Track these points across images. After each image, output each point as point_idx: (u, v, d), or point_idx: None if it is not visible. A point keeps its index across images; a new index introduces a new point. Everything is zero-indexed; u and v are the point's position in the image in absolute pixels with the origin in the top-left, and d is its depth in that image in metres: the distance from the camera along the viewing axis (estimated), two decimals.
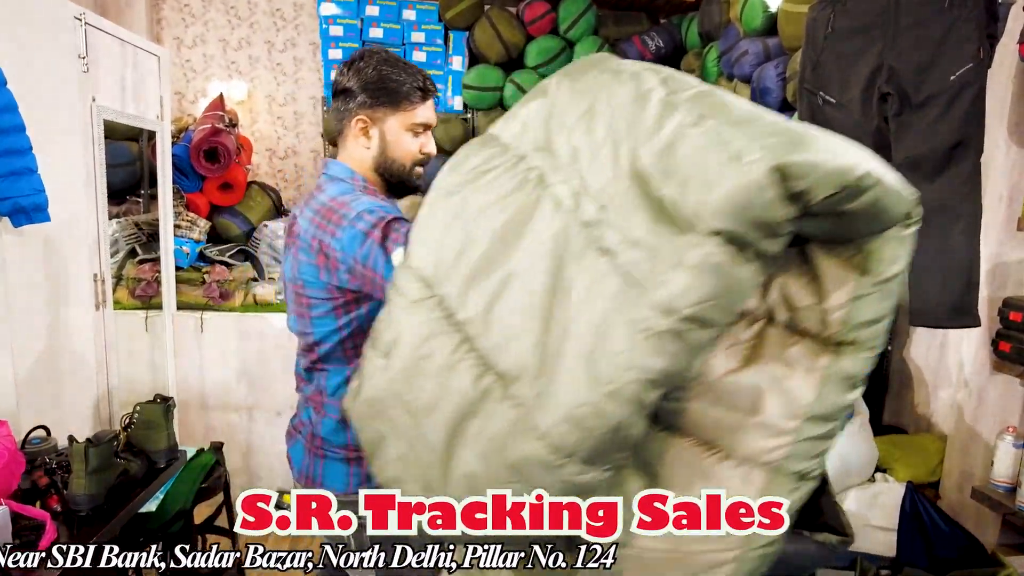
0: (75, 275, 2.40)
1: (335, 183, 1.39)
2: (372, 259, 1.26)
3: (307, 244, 1.34)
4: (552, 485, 1.00)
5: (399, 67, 1.39)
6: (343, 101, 1.40)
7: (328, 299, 1.35)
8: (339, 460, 1.42)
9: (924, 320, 2.02)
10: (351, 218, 1.28)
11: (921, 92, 1.89)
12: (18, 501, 1.62)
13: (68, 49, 2.32)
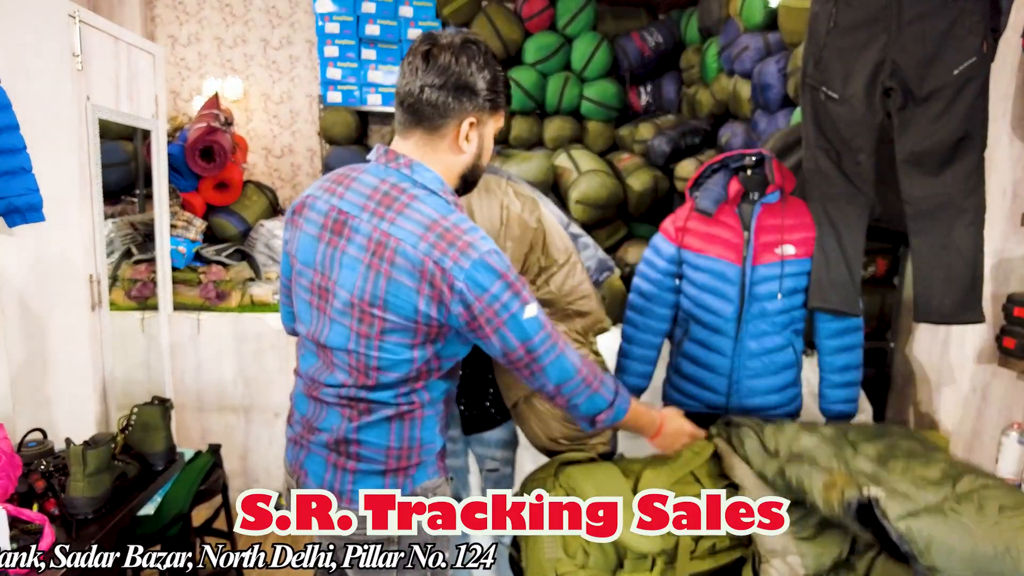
0: (70, 276, 2.37)
1: (431, 196, 1.25)
2: (502, 303, 1.21)
3: (414, 264, 1.19)
4: None
5: (500, 66, 1.30)
6: (456, 97, 1.23)
7: (409, 328, 1.23)
8: (375, 473, 1.33)
9: (929, 316, 2.01)
10: (483, 252, 1.19)
11: (924, 87, 1.88)
12: (15, 505, 1.60)
13: (62, 47, 2.29)
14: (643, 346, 2.32)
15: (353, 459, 1.33)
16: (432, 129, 1.25)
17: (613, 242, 4.00)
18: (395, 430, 1.32)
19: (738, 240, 2.13)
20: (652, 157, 3.93)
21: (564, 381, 1.31)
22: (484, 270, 1.19)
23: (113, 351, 2.58)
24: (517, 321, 1.23)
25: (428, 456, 1.36)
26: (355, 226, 1.24)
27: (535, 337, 1.25)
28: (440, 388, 1.35)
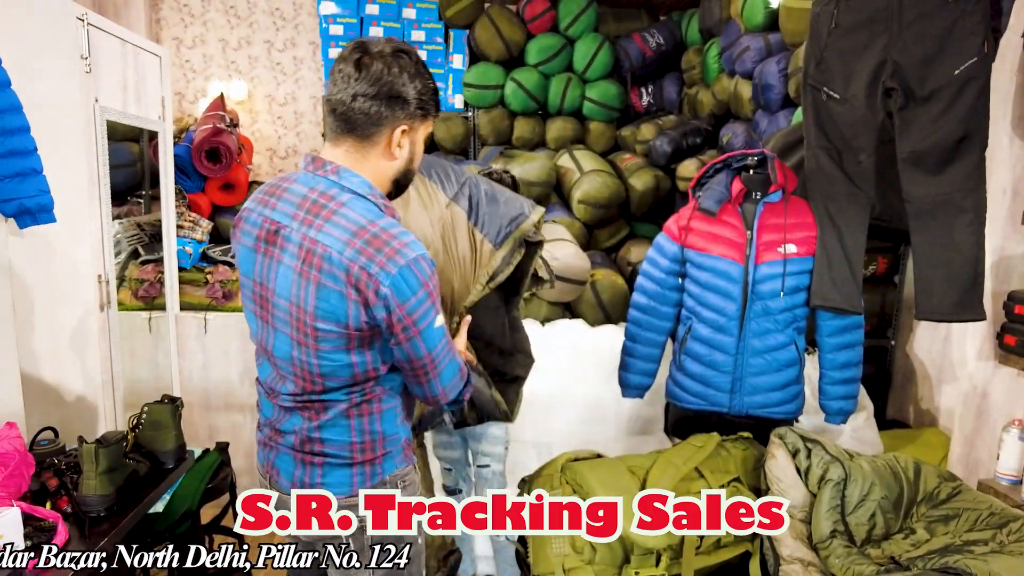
0: (79, 276, 2.39)
1: (357, 199, 1.25)
2: (420, 313, 1.22)
3: (340, 269, 1.20)
4: None
5: (430, 74, 1.30)
6: (388, 106, 1.23)
7: (343, 334, 1.24)
8: (343, 464, 1.36)
9: (930, 314, 2.03)
10: (410, 259, 1.19)
11: (926, 86, 1.90)
12: (28, 503, 1.62)
13: (70, 50, 2.31)
14: (647, 344, 2.34)
15: (319, 455, 1.36)
16: (364, 137, 1.25)
17: (615, 241, 4.02)
18: (355, 426, 1.34)
19: (741, 239, 2.15)
20: (654, 157, 3.95)
21: (450, 383, 1.34)
22: (410, 277, 1.19)
23: (121, 351, 2.61)
24: (431, 330, 1.25)
25: (393, 447, 1.39)
26: (287, 235, 1.25)
27: (439, 345, 1.28)
28: (394, 381, 1.37)
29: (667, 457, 1.82)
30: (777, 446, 1.81)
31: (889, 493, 1.75)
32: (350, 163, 1.27)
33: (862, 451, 2.62)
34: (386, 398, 1.37)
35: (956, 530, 1.73)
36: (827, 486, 1.71)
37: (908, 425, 3.23)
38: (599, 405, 2.86)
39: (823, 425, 2.44)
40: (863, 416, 2.81)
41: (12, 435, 1.68)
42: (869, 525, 1.72)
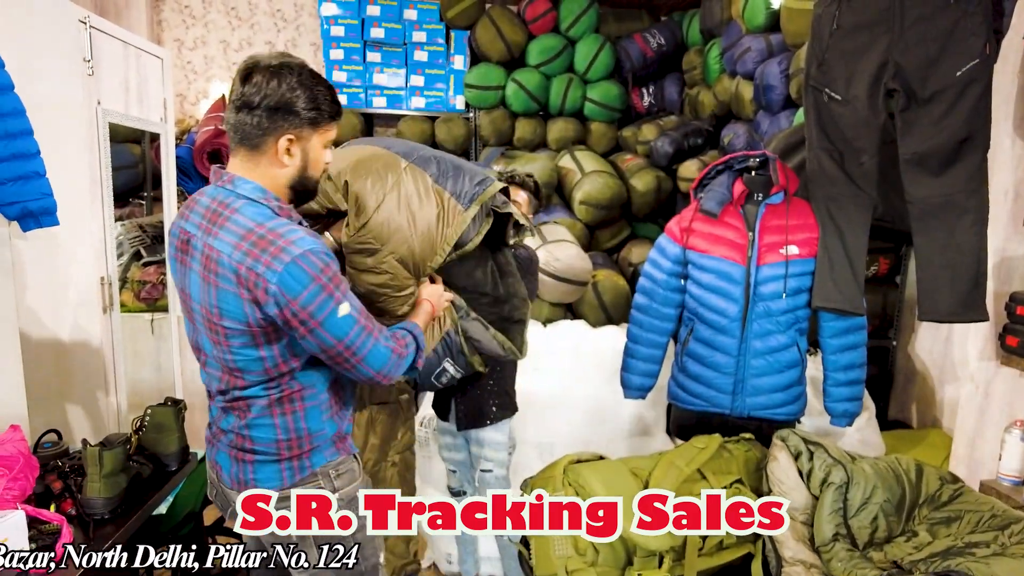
0: (82, 278, 2.40)
1: (249, 204, 1.32)
2: (315, 305, 1.27)
3: (231, 271, 1.28)
4: None
5: (323, 84, 1.35)
6: (270, 118, 1.29)
7: (246, 331, 1.32)
8: (270, 460, 1.43)
9: (932, 315, 2.03)
10: (295, 255, 1.25)
11: (927, 88, 1.90)
12: (33, 505, 1.62)
13: (72, 52, 2.31)
14: (649, 345, 2.34)
15: (250, 452, 1.44)
16: (253, 147, 1.33)
17: (616, 242, 4.03)
18: (279, 424, 1.41)
19: (743, 240, 2.15)
20: (655, 158, 3.95)
21: (383, 366, 1.40)
22: (297, 272, 1.25)
23: (124, 352, 2.61)
24: (333, 320, 1.30)
25: (320, 442, 1.45)
26: (194, 244, 1.35)
27: (351, 332, 1.33)
28: (312, 377, 1.42)
29: (669, 458, 1.82)
30: (779, 448, 1.81)
31: (891, 496, 1.75)
32: (245, 172, 1.35)
33: (864, 452, 2.62)
34: (308, 396, 1.43)
35: (958, 532, 1.73)
36: (829, 489, 1.71)
37: (910, 426, 3.23)
38: (601, 406, 2.86)
39: (825, 426, 2.45)
40: (865, 417, 2.81)
41: (16, 438, 1.69)
42: (871, 528, 1.72)
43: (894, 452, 2.73)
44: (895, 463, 1.84)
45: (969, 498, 1.81)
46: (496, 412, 2.26)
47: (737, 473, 1.89)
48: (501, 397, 2.27)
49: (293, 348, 1.37)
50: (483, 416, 2.25)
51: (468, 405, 2.25)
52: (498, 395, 2.27)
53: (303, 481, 1.45)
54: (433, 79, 4.29)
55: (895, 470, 1.81)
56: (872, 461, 1.82)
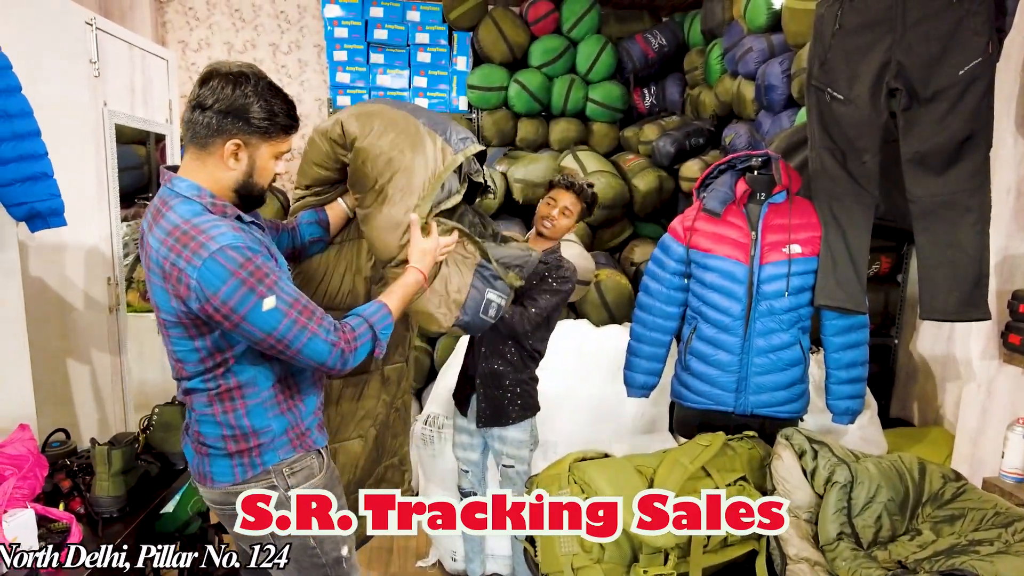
0: (89, 278, 2.41)
1: (183, 202, 1.35)
2: (236, 300, 1.28)
3: (158, 266, 1.32)
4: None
5: (280, 97, 1.39)
6: (220, 120, 1.33)
7: (178, 323, 1.36)
8: (221, 455, 1.48)
9: (934, 313, 2.04)
10: (213, 250, 1.27)
11: (930, 87, 1.91)
12: (42, 504, 1.63)
13: (79, 54, 2.33)
14: (652, 344, 2.35)
15: (204, 446, 1.50)
16: (202, 147, 1.36)
17: (619, 242, 4.04)
18: (221, 420, 1.45)
19: (745, 240, 2.16)
20: (657, 158, 3.96)
21: (325, 359, 1.39)
22: (215, 267, 1.27)
23: (130, 352, 2.63)
24: (257, 314, 1.30)
25: (267, 439, 1.47)
26: (146, 241, 1.39)
27: (279, 327, 1.33)
28: (250, 373, 1.44)
29: (674, 456, 1.83)
30: (783, 447, 1.82)
31: (895, 495, 1.76)
32: (190, 170, 1.39)
33: (866, 450, 2.63)
34: (249, 394, 1.45)
35: (962, 530, 1.74)
36: (833, 488, 1.72)
37: (912, 424, 3.24)
38: (604, 405, 2.87)
39: (827, 424, 2.46)
40: (867, 415, 2.82)
41: (25, 437, 1.70)
42: (875, 527, 1.73)
43: (896, 450, 2.74)
44: (898, 462, 1.85)
45: (972, 496, 1.82)
46: (518, 411, 2.28)
47: (741, 471, 1.90)
48: (523, 397, 2.29)
49: (228, 338, 1.39)
50: (505, 415, 2.27)
51: (491, 403, 2.27)
52: (520, 395, 2.28)
53: (255, 479, 1.48)
54: (436, 80, 4.31)
55: (898, 469, 1.82)
56: (876, 460, 1.82)
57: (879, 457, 1.86)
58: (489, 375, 2.25)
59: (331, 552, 1.55)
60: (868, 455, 1.87)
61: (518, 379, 2.27)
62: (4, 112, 1.87)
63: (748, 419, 2.22)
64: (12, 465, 1.61)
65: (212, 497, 1.54)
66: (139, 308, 3.18)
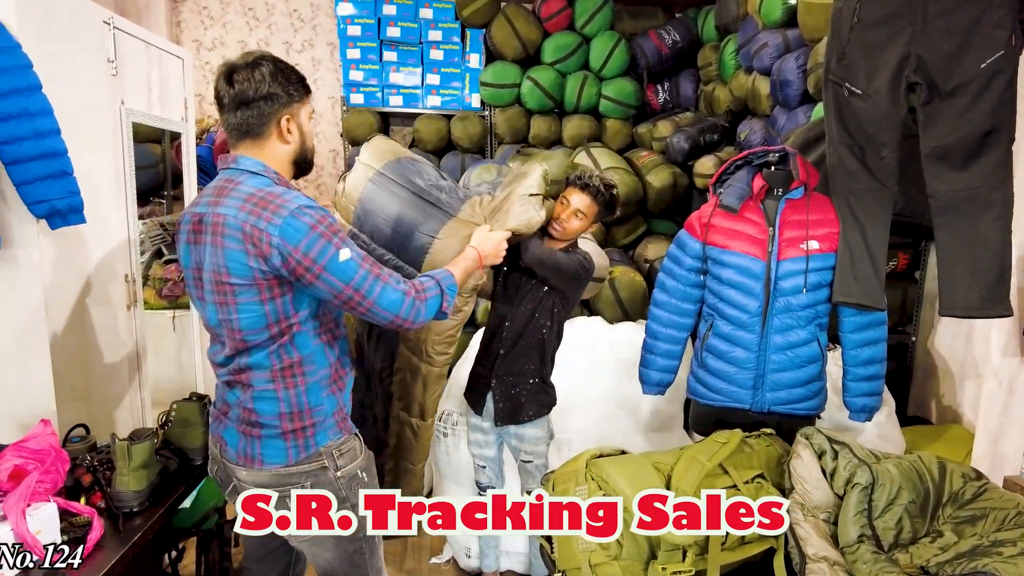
0: (108, 276, 2.43)
1: (251, 176, 1.47)
2: (316, 251, 1.39)
3: (237, 230, 1.41)
4: None
5: (290, 65, 1.52)
6: (267, 104, 1.46)
7: (252, 285, 1.43)
8: (275, 435, 1.52)
9: (955, 310, 2.01)
10: (292, 209, 1.39)
11: (951, 80, 1.88)
12: (64, 498, 1.65)
13: (97, 53, 2.35)
14: (668, 341, 2.34)
15: (256, 427, 1.52)
16: (257, 136, 1.49)
17: (633, 239, 4.03)
18: (282, 397, 1.51)
19: (763, 236, 2.15)
20: (671, 154, 3.95)
21: (400, 308, 1.49)
22: (294, 223, 1.38)
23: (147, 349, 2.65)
24: (335, 264, 1.41)
25: (320, 417, 1.55)
26: (206, 220, 1.47)
27: (355, 276, 1.44)
28: (310, 347, 1.52)
29: (691, 453, 1.82)
30: (803, 446, 1.80)
31: (916, 496, 1.74)
32: (249, 155, 1.50)
33: (884, 447, 2.61)
34: (308, 371, 1.52)
35: (984, 531, 1.71)
36: (854, 490, 1.71)
37: (930, 422, 3.21)
38: (618, 402, 2.86)
39: (844, 422, 2.44)
40: (885, 412, 2.79)
41: (47, 432, 1.72)
42: (896, 529, 1.71)
43: (915, 448, 2.72)
44: (918, 462, 1.83)
45: (994, 495, 1.80)
46: (536, 409, 2.28)
47: (759, 468, 1.89)
48: (541, 396, 2.29)
49: (295, 303, 1.47)
50: (524, 413, 2.27)
51: (508, 402, 2.27)
52: (538, 394, 2.28)
53: (308, 459, 1.53)
54: (449, 77, 4.31)
55: (918, 469, 1.80)
56: (896, 461, 1.81)
57: (899, 457, 1.84)
58: (506, 375, 2.25)
59: (370, 528, 1.63)
60: (888, 455, 1.85)
61: (536, 378, 2.27)
62: (25, 110, 1.89)
63: (765, 416, 2.21)
64: (35, 459, 1.63)
65: (259, 480, 1.55)
66: (155, 306, 3.20)
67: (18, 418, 2.02)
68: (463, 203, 2.07)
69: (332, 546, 1.59)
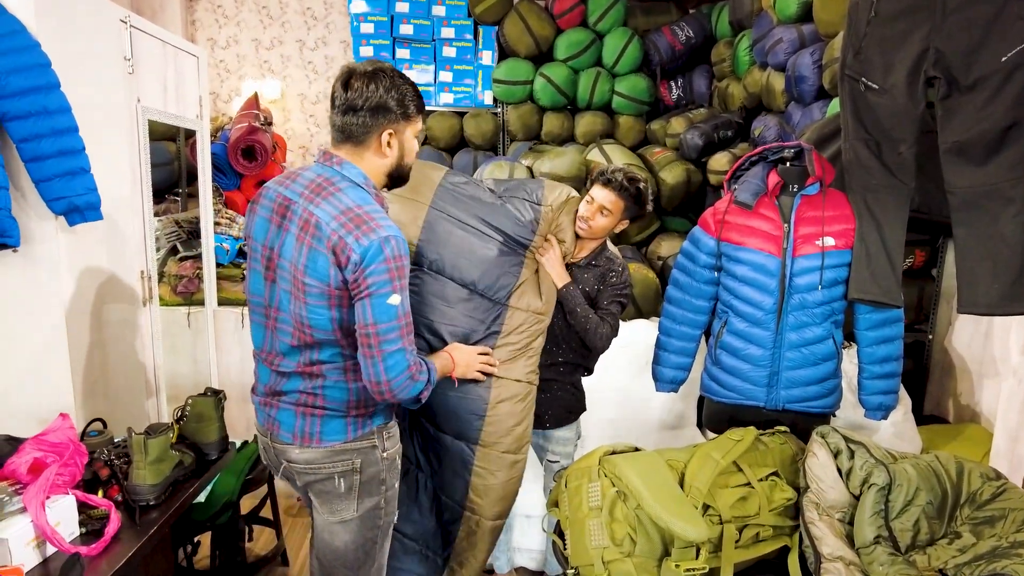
0: (124, 272, 2.46)
1: (353, 187, 1.52)
2: (375, 281, 1.44)
3: (326, 237, 1.45)
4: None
5: (409, 83, 1.56)
6: (372, 116, 1.51)
7: (325, 291, 1.48)
8: (339, 416, 1.59)
9: (974, 307, 1.99)
10: (382, 236, 1.44)
11: (971, 74, 1.86)
12: (82, 491, 1.67)
13: (114, 51, 2.37)
14: (681, 339, 2.33)
15: (320, 409, 1.59)
16: (358, 143, 1.54)
17: (646, 236, 4.01)
18: (352, 388, 1.58)
19: (778, 232, 2.13)
20: (684, 151, 3.93)
21: (397, 375, 1.49)
22: (377, 250, 1.43)
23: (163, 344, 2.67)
24: (381, 301, 1.45)
25: (380, 406, 1.64)
26: (294, 209, 1.52)
27: (387, 323, 1.46)
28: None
29: (705, 451, 1.81)
30: (819, 445, 1.79)
31: (933, 497, 1.71)
32: (349, 160, 1.56)
33: (900, 446, 2.59)
34: None
35: (1003, 532, 1.69)
36: (871, 491, 1.69)
37: (947, 420, 3.17)
38: (630, 399, 2.86)
39: (860, 420, 2.41)
40: (901, 411, 2.77)
41: (66, 426, 1.74)
42: (913, 531, 1.69)
43: (931, 447, 2.69)
44: (935, 462, 1.81)
45: (1013, 495, 1.78)
46: (564, 414, 2.28)
47: (773, 466, 1.87)
48: (570, 402, 2.29)
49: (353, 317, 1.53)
50: (553, 419, 2.27)
51: (553, 408, 2.26)
52: (567, 400, 2.28)
53: (363, 436, 1.62)
54: (461, 75, 4.31)
55: (935, 469, 1.78)
56: (913, 461, 1.79)
57: (916, 457, 1.82)
58: (546, 381, 2.19)
59: (390, 516, 1.71)
60: (905, 455, 1.83)
61: (566, 384, 2.26)
62: (44, 109, 1.92)
63: (779, 414, 2.19)
64: (54, 452, 1.65)
65: (311, 457, 1.60)
66: (170, 302, 3.24)
67: (37, 412, 2.04)
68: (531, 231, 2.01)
69: (355, 527, 1.65)
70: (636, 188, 2.13)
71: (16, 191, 1.98)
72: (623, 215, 2.15)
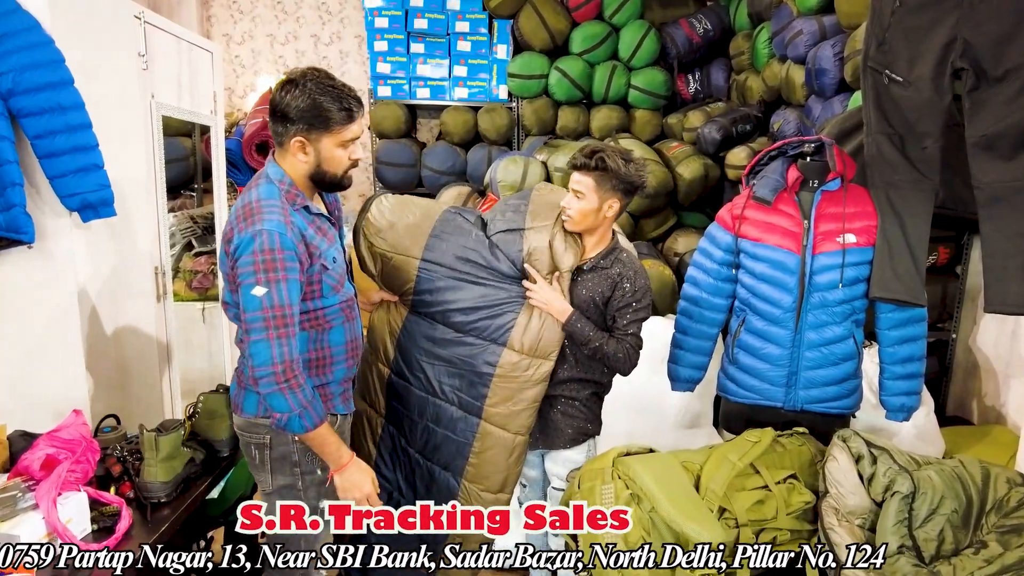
0: (138, 268, 2.46)
1: (268, 184, 1.59)
2: (241, 272, 1.51)
3: (226, 228, 1.58)
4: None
5: (330, 93, 1.55)
6: (281, 124, 1.57)
7: (227, 275, 1.61)
8: (252, 391, 1.67)
9: (1001, 306, 1.93)
10: (256, 229, 1.50)
11: (1000, 65, 1.80)
12: (95, 488, 1.67)
13: (128, 47, 2.37)
14: (698, 337, 2.29)
15: (242, 381, 1.74)
16: (279, 145, 1.62)
17: (662, 231, 3.96)
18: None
19: (797, 229, 2.08)
20: (702, 145, 3.87)
21: (260, 366, 1.53)
22: (248, 241, 1.50)
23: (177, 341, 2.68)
24: (246, 291, 1.52)
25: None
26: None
27: (251, 312, 1.52)
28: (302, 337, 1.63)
29: (721, 452, 1.78)
30: (839, 449, 1.74)
31: (958, 506, 1.67)
32: (279, 162, 1.64)
33: (922, 448, 2.53)
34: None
35: None
36: (894, 499, 1.64)
37: (971, 422, 3.10)
38: (645, 399, 2.82)
39: (880, 422, 2.36)
40: (923, 412, 2.71)
41: (79, 422, 1.74)
42: (938, 540, 1.64)
43: (955, 449, 2.63)
44: (960, 467, 1.76)
45: None
46: (572, 434, 2.05)
47: (791, 468, 1.84)
48: (579, 419, 2.04)
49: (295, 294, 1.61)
50: (560, 437, 2.05)
51: (541, 424, 2.04)
52: (575, 416, 2.04)
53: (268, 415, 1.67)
54: (476, 69, 4.28)
55: (960, 476, 1.73)
56: (938, 467, 1.74)
57: (940, 463, 1.77)
58: (564, 397, 2.04)
59: (311, 503, 1.77)
60: (929, 461, 1.78)
61: (574, 398, 2.03)
62: (58, 105, 1.92)
63: (798, 415, 2.15)
64: (66, 449, 1.65)
65: (238, 423, 1.77)
66: (185, 297, 3.25)
67: (51, 407, 2.05)
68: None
69: (273, 504, 1.73)
70: (599, 159, 1.86)
71: (31, 187, 1.99)
72: (601, 193, 1.88)
